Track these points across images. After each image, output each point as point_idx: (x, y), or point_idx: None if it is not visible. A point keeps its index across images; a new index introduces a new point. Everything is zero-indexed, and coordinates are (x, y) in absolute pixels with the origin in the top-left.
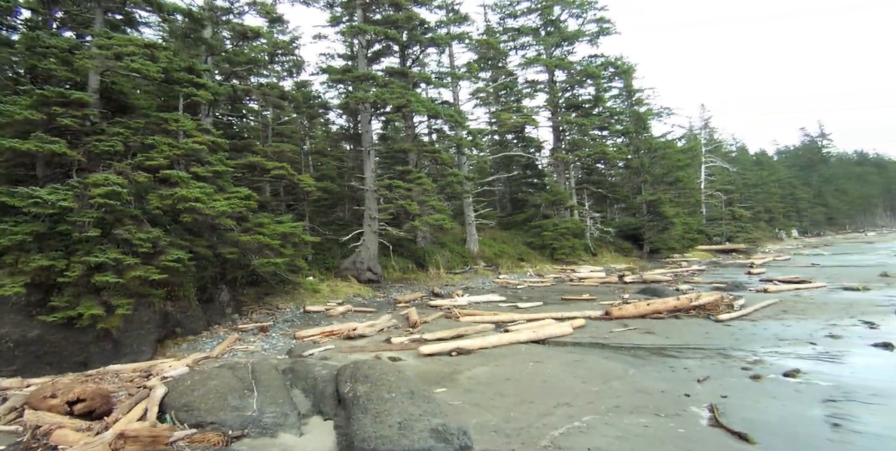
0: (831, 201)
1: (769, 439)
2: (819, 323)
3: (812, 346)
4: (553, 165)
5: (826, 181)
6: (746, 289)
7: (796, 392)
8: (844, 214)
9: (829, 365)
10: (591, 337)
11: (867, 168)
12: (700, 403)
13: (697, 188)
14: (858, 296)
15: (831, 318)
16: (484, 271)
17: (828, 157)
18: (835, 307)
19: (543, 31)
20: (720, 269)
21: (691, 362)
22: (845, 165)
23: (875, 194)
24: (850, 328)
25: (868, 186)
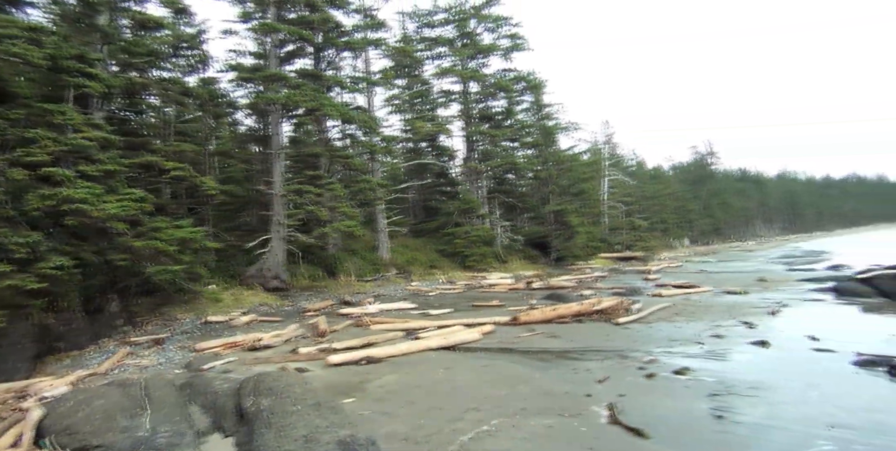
0: (717, 213)
1: (662, 432)
2: (706, 324)
3: (699, 345)
4: (465, 174)
5: (713, 195)
6: (643, 294)
7: (685, 388)
8: (729, 225)
9: (714, 362)
10: (499, 342)
11: (747, 184)
12: (600, 402)
13: (600, 199)
14: (739, 299)
15: (716, 319)
16: (395, 279)
17: (715, 173)
18: (719, 310)
19: (459, 42)
20: (620, 275)
21: (592, 364)
22: (729, 181)
23: (754, 207)
24: (732, 328)
25: (748, 200)
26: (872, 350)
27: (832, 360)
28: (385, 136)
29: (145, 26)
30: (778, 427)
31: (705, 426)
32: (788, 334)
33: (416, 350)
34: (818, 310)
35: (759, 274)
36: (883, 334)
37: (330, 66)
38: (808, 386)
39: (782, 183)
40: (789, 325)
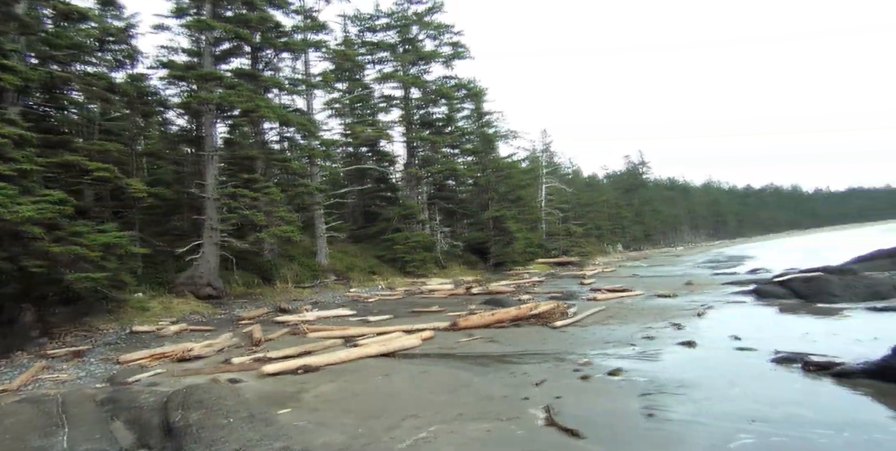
0: (649, 220)
1: (596, 432)
2: (637, 326)
3: (632, 347)
4: (406, 179)
5: (645, 203)
6: (579, 298)
7: (618, 389)
8: (659, 231)
9: (646, 363)
10: (439, 348)
11: (676, 192)
12: (537, 405)
13: (538, 206)
14: (669, 302)
15: (647, 321)
16: (334, 285)
17: (646, 182)
18: (650, 312)
19: (401, 48)
20: (557, 280)
21: (530, 367)
22: (659, 190)
23: (682, 215)
24: (662, 330)
25: (676, 208)
26: (788, 348)
27: (752, 358)
28: (324, 140)
29: (69, 17)
30: (704, 423)
31: (637, 424)
32: (713, 335)
33: (355, 358)
34: (740, 311)
35: (687, 278)
36: (797, 332)
37: (268, 67)
38: (730, 383)
39: (707, 192)
40: (714, 325)
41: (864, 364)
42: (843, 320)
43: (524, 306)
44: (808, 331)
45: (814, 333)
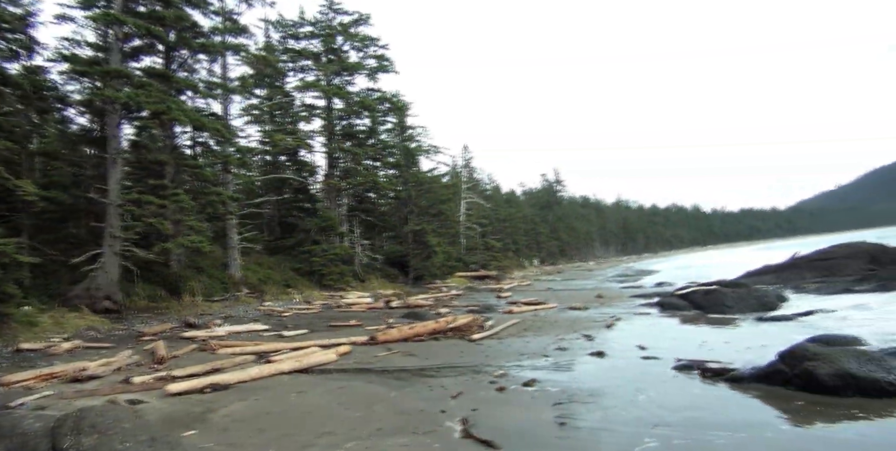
0: (563, 236)
1: (511, 442)
2: (551, 338)
3: (546, 358)
4: (325, 191)
5: (559, 219)
6: (496, 311)
7: (532, 399)
8: (573, 246)
9: (559, 373)
10: (356, 363)
11: (589, 210)
12: (454, 417)
13: (458, 221)
14: (581, 314)
15: (560, 333)
16: (247, 299)
17: (561, 199)
18: (563, 324)
19: (325, 57)
20: (475, 293)
21: (447, 381)
22: (574, 207)
23: (594, 231)
24: (574, 341)
25: (589, 224)
26: (688, 356)
27: (657, 366)
28: (241, 146)
29: None
30: (612, 429)
31: (550, 432)
32: (621, 345)
33: (268, 375)
34: (646, 322)
35: (598, 291)
36: (696, 341)
37: (182, 68)
38: (636, 391)
39: (618, 210)
40: (622, 336)
41: (753, 370)
42: (735, 330)
43: (443, 319)
44: (706, 340)
45: (711, 341)
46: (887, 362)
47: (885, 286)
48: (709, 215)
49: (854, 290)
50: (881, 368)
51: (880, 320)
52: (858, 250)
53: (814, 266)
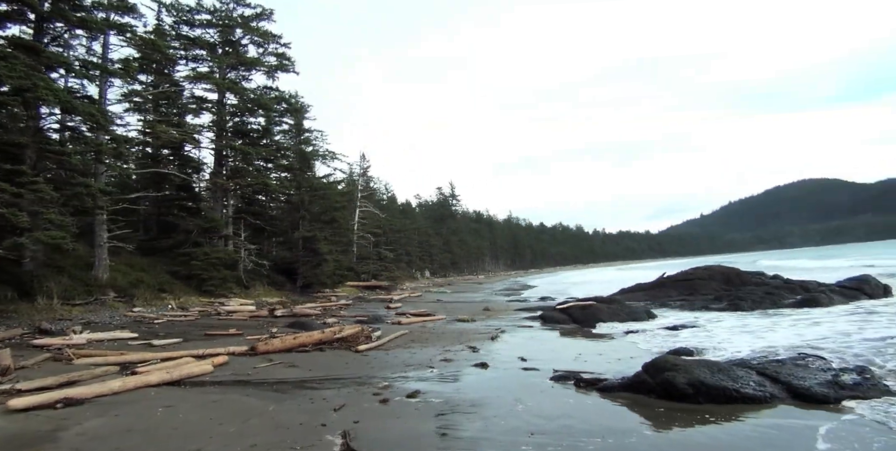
0: (456, 249)
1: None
2: (437, 349)
3: (431, 369)
4: (211, 190)
5: (453, 233)
6: (384, 322)
7: (416, 410)
8: (464, 260)
9: (443, 384)
10: (233, 374)
11: (481, 225)
12: (334, 430)
13: (351, 229)
14: (467, 326)
15: (447, 345)
16: (114, 303)
17: (455, 213)
18: (450, 336)
19: (221, 49)
20: (365, 303)
21: (330, 393)
22: (467, 221)
23: (485, 245)
24: (460, 353)
25: (481, 239)
26: (565, 367)
27: (536, 377)
28: (117, 135)
29: None
30: (491, 438)
31: (431, 443)
32: (504, 357)
33: (133, 387)
34: (528, 335)
35: (485, 304)
36: (573, 353)
37: (56, 43)
38: (516, 401)
39: (508, 226)
40: (505, 348)
41: (621, 380)
42: (608, 342)
43: (329, 329)
44: (582, 352)
45: (586, 353)
46: (734, 372)
47: (735, 305)
48: (591, 236)
49: (711, 307)
50: (729, 377)
51: (730, 335)
52: (715, 273)
53: (678, 286)
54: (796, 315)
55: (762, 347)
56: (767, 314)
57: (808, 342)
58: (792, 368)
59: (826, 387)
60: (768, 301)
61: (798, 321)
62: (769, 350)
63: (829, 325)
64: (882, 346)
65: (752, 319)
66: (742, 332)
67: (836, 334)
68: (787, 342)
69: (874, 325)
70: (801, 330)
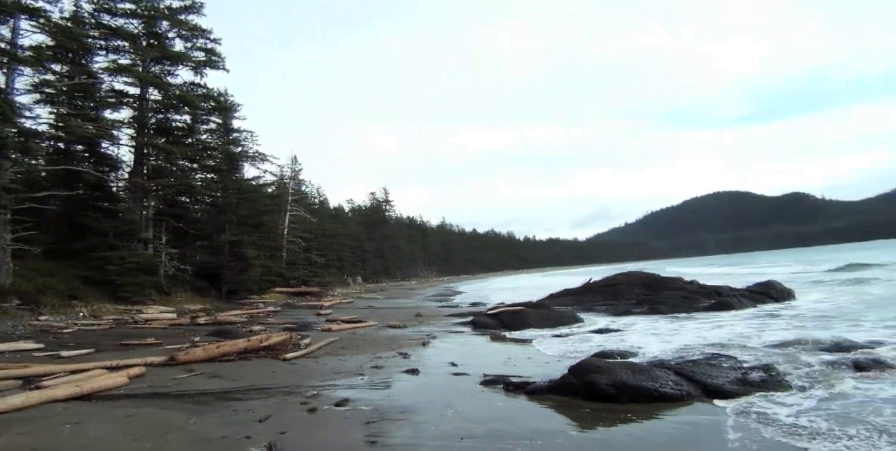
0: (388, 255)
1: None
2: (368, 356)
3: (361, 377)
4: (130, 190)
5: (386, 238)
6: (314, 329)
7: (345, 419)
8: (397, 265)
9: (373, 392)
10: (150, 387)
11: (414, 231)
12: (259, 443)
13: (280, 233)
14: (399, 332)
15: (377, 351)
16: (17, 312)
17: (388, 219)
18: (381, 342)
19: (144, 41)
20: (294, 310)
21: (255, 403)
22: (400, 227)
23: (418, 251)
24: (391, 359)
25: (413, 245)
26: (494, 372)
27: (466, 382)
28: (25, 128)
29: None
30: (420, 444)
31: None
32: (435, 362)
33: (37, 403)
34: (459, 340)
35: (417, 310)
36: (503, 357)
37: None
38: (446, 406)
39: (441, 232)
40: (436, 354)
41: (549, 382)
42: (537, 346)
43: (255, 337)
44: (511, 356)
45: (515, 357)
46: (653, 373)
47: (655, 309)
48: (521, 242)
49: (633, 312)
50: (649, 378)
51: (650, 338)
52: (636, 278)
53: (603, 291)
54: (710, 318)
55: (679, 348)
56: (684, 318)
57: (720, 342)
58: (706, 367)
59: (735, 384)
60: (685, 305)
61: (711, 324)
62: (686, 351)
63: (730, 327)
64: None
65: (670, 322)
66: (661, 334)
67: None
68: (702, 343)
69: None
70: (715, 331)
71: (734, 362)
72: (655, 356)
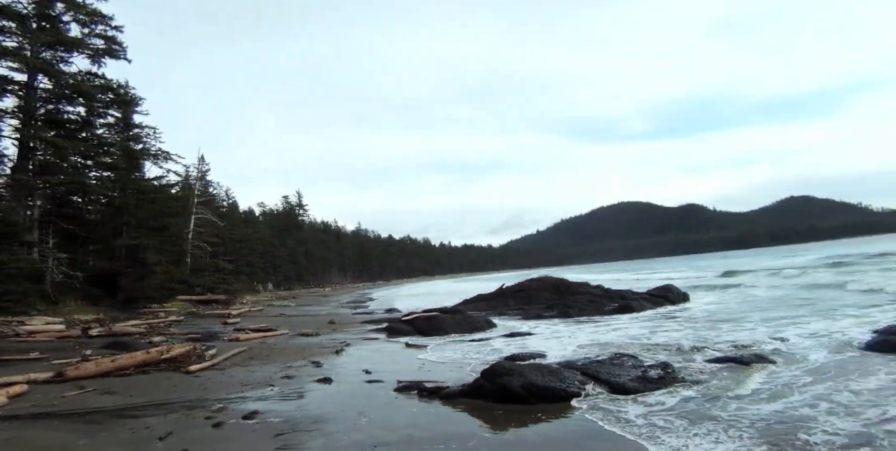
0: (302, 261)
1: None
2: (279, 366)
3: (271, 387)
4: (12, 187)
5: (300, 244)
6: (220, 339)
7: (253, 432)
8: (311, 271)
9: (284, 403)
10: (34, 406)
11: (329, 236)
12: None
13: (185, 238)
14: (311, 340)
15: (289, 361)
16: None
17: (302, 223)
18: (292, 351)
19: (35, 23)
20: (199, 319)
21: (154, 420)
22: (315, 232)
23: (333, 257)
24: (303, 369)
25: (328, 251)
26: (409, 378)
27: (380, 389)
28: None
29: None
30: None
31: None
32: (348, 370)
33: None
34: (373, 347)
35: (331, 317)
36: (417, 364)
37: None
38: (359, 414)
39: (357, 238)
40: (350, 361)
41: (462, 387)
42: (451, 351)
43: (155, 349)
44: (426, 362)
45: (429, 363)
46: (562, 374)
47: (564, 313)
48: (437, 249)
49: (543, 316)
50: (557, 378)
51: (559, 340)
52: (546, 284)
53: (515, 296)
54: (615, 320)
55: (587, 349)
56: (592, 320)
57: (625, 343)
58: (610, 367)
59: (636, 381)
60: (593, 309)
61: (616, 325)
62: (592, 352)
63: (633, 328)
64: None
65: (578, 325)
66: (570, 337)
67: (638, 336)
68: (608, 344)
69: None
70: (619, 332)
71: (636, 361)
72: (564, 358)
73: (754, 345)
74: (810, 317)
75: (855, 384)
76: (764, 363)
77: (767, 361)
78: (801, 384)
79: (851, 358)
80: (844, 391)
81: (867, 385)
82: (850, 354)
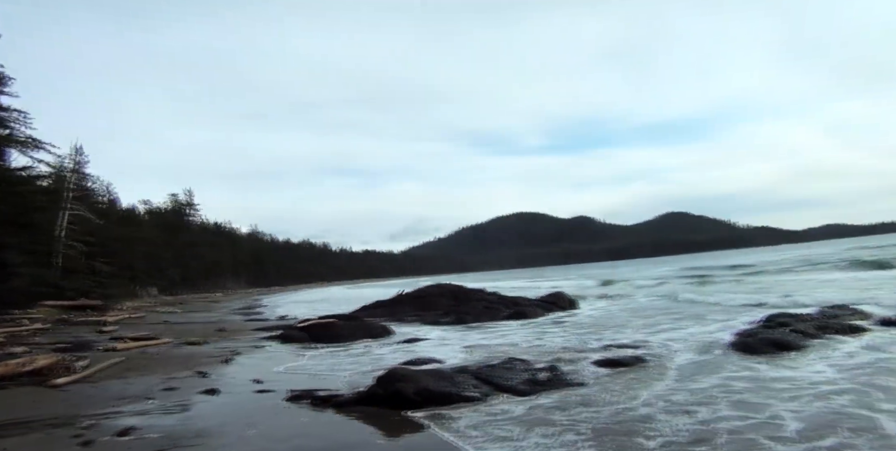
0: (191, 263)
1: None
2: (160, 377)
3: (151, 401)
4: None
5: (189, 245)
6: (95, 348)
7: (128, 450)
8: (201, 275)
9: (164, 417)
10: None
11: (222, 238)
12: None
13: (56, 236)
14: (198, 349)
15: (171, 371)
16: None
17: (192, 224)
18: (176, 361)
19: None
20: (70, 327)
21: (13, 442)
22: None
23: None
24: (187, 379)
25: (220, 254)
26: (302, 386)
27: (270, 399)
28: None
29: None
30: None
31: None
32: (237, 380)
33: None
34: (266, 355)
35: (220, 324)
36: (312, 371)
37: None
38: (248, 425)
39: (252, 241)
40: (239, 371)
41: (356, 394)
42: (347, 358)
43: (14, 361)
44: (321, 369)
45: (324, 371)
46: (455, 378)
47: (461, 319)
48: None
49: (441, 322)
50: (451, 383)
51: (455, 345)
52: (444, 290)
53: (413, 302)
54: (508, 326)
55: (481, 353)
56: (486, 327)
57: (518, 346)
58: (501, 371)
59: (526, 384)
60: (488, 315)
61: (509, 331)
62: (486, 356)
63: (525, 333)
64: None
65: (474, 331)
66: (465, 342)
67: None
68: (502, 348)
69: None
70: (512, 337)
71: (526, 365)
72: (459, 363)
73: (635, 348)
74: (684, 322)
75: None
76: (641, 364)
77: (642, 361)
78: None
79: (716, 357)
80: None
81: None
82: (716, 353)
